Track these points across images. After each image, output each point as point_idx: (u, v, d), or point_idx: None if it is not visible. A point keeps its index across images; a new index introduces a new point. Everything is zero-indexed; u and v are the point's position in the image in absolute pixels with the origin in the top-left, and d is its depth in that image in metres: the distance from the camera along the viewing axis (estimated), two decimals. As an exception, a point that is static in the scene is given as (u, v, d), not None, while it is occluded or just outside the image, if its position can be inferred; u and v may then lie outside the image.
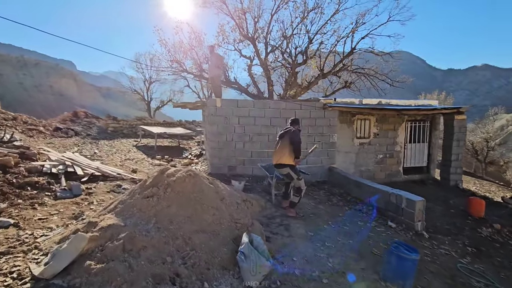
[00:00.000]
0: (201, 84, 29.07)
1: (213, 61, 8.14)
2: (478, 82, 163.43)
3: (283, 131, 4.59)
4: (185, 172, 3.50)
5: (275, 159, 4.51)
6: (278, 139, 4.60)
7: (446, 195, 7.63)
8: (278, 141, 4.59)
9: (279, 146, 4.49)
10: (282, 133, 4.56)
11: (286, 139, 4.42)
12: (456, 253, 4.16)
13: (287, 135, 4.44)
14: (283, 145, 4.43)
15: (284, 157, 4.37)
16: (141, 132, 12.73)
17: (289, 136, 4.38)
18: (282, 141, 4.47)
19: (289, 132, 4.44)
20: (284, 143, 4.43)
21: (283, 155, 4.37)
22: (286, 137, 4.44)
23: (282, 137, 4.52)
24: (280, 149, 4.45)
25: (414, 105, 8.81)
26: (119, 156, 8.70)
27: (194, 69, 15.48)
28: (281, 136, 4.56)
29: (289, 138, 4.38)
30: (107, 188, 5.03)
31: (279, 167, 4.47)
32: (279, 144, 4.51)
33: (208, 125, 6.67)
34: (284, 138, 4.46)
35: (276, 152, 4.51)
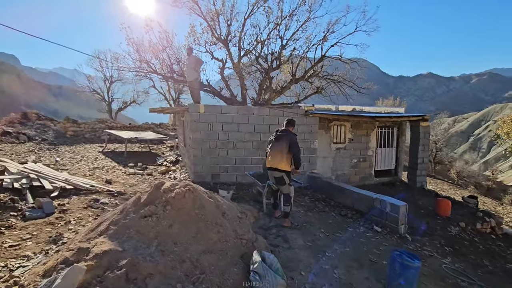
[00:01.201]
0: (168, 85, 28.05)
1: (191, 64, 7.85)
2: (424, 88, 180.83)
3: (280, 133, 4.47)
4: (183, 187, 3.28)
5: (272, 162, 4.36)
6: (273, 141, 4.46)
7: (414, 196, 8.23)
8: (273, 143, 4.45)
9: (275, 150, 4.34)
10: (278, 136, 4.43)
11: (283, 143, 4.30)
12: (438, 253, 4.48)
13: (285, 139, 4.33)
14: (280, 149, 4.30)
15: (282, 163, 4.28)
16: (107, 137, 11.83)
17: (288, 142, 4.30)
18: (279, 145, 4.33)
19: (288, 137, 4.34)
20: (281, 147, 4.30)
21: (281, 161, 4.28)
22: (284, 141, 4.31)
23: (278, 140, 4.39)
24: (277, 153, 4.31)
25: (384, 112, 9.40)
26: (86, 164, 7.95)
27: (163, 70, 14.86)
28: (277, 138, 4.42)
29: (288, 144, 4.29)
30: (83, 204, 4.53)
31: (273, 170, 4.37)
32: (275, 147, 4.36)
33: (191, 132, 6.40)
34: (281, 142, 4.33)
35: (272, 155, 4.36)
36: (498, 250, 5.49)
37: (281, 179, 4.35)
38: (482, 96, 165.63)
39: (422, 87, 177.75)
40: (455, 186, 17.48)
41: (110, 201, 4.80)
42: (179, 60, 14.76)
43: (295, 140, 4.41)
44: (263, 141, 6.94)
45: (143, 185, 6.30)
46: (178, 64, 14.61)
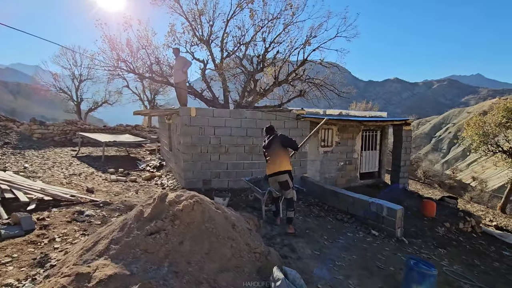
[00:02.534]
0: (143, 86, 26.97)
1: (178, 65, 7.52)
2: (391, 93, 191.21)
3: (268, 140, 4.48)
4: (190, 198, 3.02)
5: (273, 168, 4.29)
6: (267, 149, 4.43)
7: (399, 198, 8.50)
8: (268, 152, 4.42)
9: (273, 154, 4.33)
10: (269, 142, 4.44)
11: (277, 144, 4.34)
12: (435, 256, 4.59)
13: (276, 140, 4.37)
14: (277, 151, 4.32)
15: (284, 162, 4.27)
16: (80, 140, 10.97)
17: (280, 140, 4.37)
18: (274, 148, 4.35)
19: (277, 137, 4.41)
20: (277, 149, 4.33)
21: (282, 161, 4.26)
22: (276, 143, 4.35)
23: (270, 146, 4.39)
24: (276, 157, 4.30)
25: (368, 116, 9.65)
26: (60, 171, 7.27)
27: (142, 69, 14.18)
28: (269, 145, 4.43)
29: (280, 142, 4.35)
30: (66, 217, 4.06)
31: (278, 174, 4.27)
32: (272, 152, 4.36)
33: (182, 136, 6.06)
34: (274, 144, 4.36)
35: (272, 160, 4.32)
36: (482, 248, 5.79)
37: (285, 183, 4.27)
38: (443, 100, 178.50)
39: (389, 91, 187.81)
40: (426, 185, 18.52)
41: (96, 213, 4.37)
42: (159, 60, 14.19)
43: (284, 135, 4.51)
44: (255, 145, 6.78)
45: (129, 193, 5.86)
46: (158, 64, 14.04)
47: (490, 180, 48.36)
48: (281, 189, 4.34)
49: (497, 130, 16.11)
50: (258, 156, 6.84)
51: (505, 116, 15.56)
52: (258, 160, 6.85)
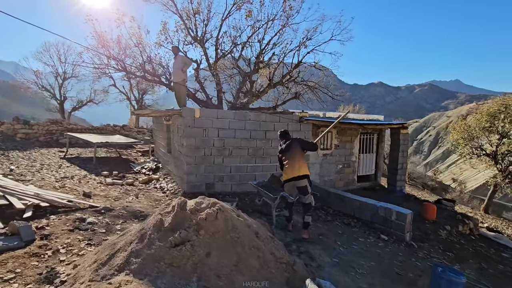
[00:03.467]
0: (130, 85, 26.25)
1: (178, 64, 7.27)
2: (375, 96, 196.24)
3: (286, 144, 4.35)
4: (212, 206, 2.84)
5: (292, 172, 4.18)
6: (285, 153, 4.29)
7: (397, 201, 8.58)
8: (286, 156, 4.27)
9: (292, 159, 4.21)
10: (287, 146, 4.31)
11: (296, 149, 4.24)
12: (446, 260, 4.61)
13: (295, 144, 4.28)
14: (296, 155, 4.21)
15: (303, 167, 4.20)
16: (67, 141, 10.43)
17: (299, 144, 4.29)
18: (293, 153, 4.23)
19: (296, 141, 4.35)
20: (296, 153, 4.22)
21: (302, 165, 4.18)
22: (295, 147, 4.25)
23: (289, 150, 4.26)
24: (295, 161, 4.18)
25: (366, 119, 9.72)
26: (51, 174, 6.84)
27: (134, 68, 13.73)
28: (287, 149, 4.30)
29: (300, 145, 4.27)
30: (67, 225, 3.76)
31: (297, 179, 4.16)
32: (290, 157, 4.23)
33: (185, 138, 5.83)
34: (293, 149, 4.25)
35: (291, 165, 4.19)
36: (484, 251, 5.89)
37: (304, 188, 4.17)
38: (424, 104, 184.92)
39: (373, 95, 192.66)
40: (413, 187, 18.96)
41: (98, 220, 4.08)
42: (151, 58, 13.81)
43: (302, 139, 4.53)
44: (259, 147, 6.64)
45: (129, 198, 5.56)
46: (150, 63, 13.66)
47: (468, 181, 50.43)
48: (299, 194, 4.23)
49: (480, 134, 16.65)
50: (262, 159, 6.70)
51: (488, 121, 16.07)
52: (261, 163, 6.71)
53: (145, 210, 4.87)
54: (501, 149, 15.37)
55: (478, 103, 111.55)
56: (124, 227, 4.00)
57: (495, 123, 15.66)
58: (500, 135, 15.32)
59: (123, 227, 3.98)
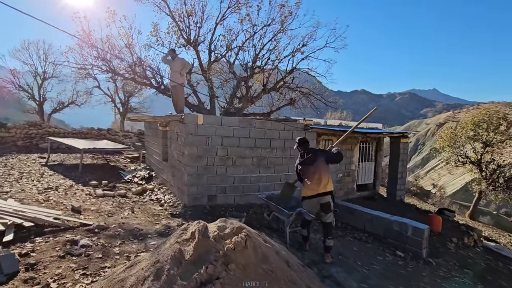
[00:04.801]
0: (116, 87, 25.25)
1: (176, 67, 6.83)
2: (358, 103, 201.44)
3: (308, 156, 3.95)
4: (238, 231, 2.43)
5: (316, 188, 3.81)
6: (309, 166, 3.89)
7: (398, 210, 8.43)
8: (310, 170, 3.88)
9: (317, 173, 3.82)
10: (310, 159, 3.90)
11: (321, 162, 3.85)
12: (467, 279, 4.39)
13: (320, 157, 3.89)
14: (321, 169, 3.83)
15: (329, 182, 3.86)
16: (49, 146, 9.63)
17: (324, 157, 3.91)
18: (318, 166, 3.83)
19: (320, 153, 3.99)
20: (322, 167, 3.83)
21: (328, 180, 3.82)
22: (320, 160, 3.85)
23: (312, 163, 3.86)
24: (320, 176, 3.81)
25: (365, 127, 9.59)
26: (32, 184, 6.15)
27: (123, 70, 13.06)
28: (310, 161, 3.89)
29: (325, 158, 3.89)
30: (57, 250, 3.21)
31: (322, 196, 3.80)
32: (315, 170, 3.83)
33: (186, 146, 5.38)
34: (318, 162, 3.85)
35: (316, 180, 3.81)
36: (494, 265, 5.77)
37: (327, 205, 3.82)
38: (404, 112, 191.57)
39: (357, 102, 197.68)
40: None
41: (93, 242, 3.55)
42: (141, 60, 13.22)
43: (326, 150, 4.13)
44: (263, 157, 6.28)
45: (124, 213, 5.01)
46: (141, 65, 13.06)
47: (447, 186, 52.31)
48: (321, 211, 3.88)
49: (466, 142, 17.04)
50: (266, 169, 6.34)
51: (472, 130, 16.45)
52: (265, 173, 6.34)
53: (144, 227, 4.37)
54: (485, 157, 15.76)
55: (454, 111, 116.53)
56: (123, 249, 3.50)
57: (479, 132, 16.07)
58: (483, 143, 15.72)
59: (122, 250, 3.48)
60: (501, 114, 16.52)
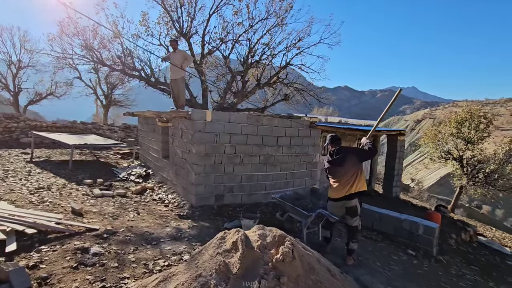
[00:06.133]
0: (98, 78, 24.07)
1: (177, 59, 6.48)
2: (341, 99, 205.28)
3: (338, 156, 3.68)
4: (281, 240, 2.27)
5: (343, 190, 3.60)
6: (339, 167, 3.65)
7: (395, 207, 8.58)
8: (339, 170, 3.65)
9: (345, 174, 3.59)
10: (340, 159, 3.63)
11: (353, 162, 3.59)
12: (478, 276, 4.49)
13: (351, 156, 3.62)
14: (351, 170, 3.58)
15: (360, 183, 3.59)
16: (31, 140, 8.97)
17: (357, 156, 3.65)
18: (349, 167, 3.59)
19: (352, 152, 3.72)
20: (352, 168, 3.58)
21: (359, 181, 3.58)
22: (352, 160, 3.59)
23: (342, 163, 3.61)
24: (350, 177, 3.57)
25: (363, 125, 9.66)
26: (20, 183, 5.66)
27: (110, 61, 12.38)
28: (340, 162, 3.63)
29: (357, 158, 3.64)
30: (67, 260, 2.91)
31: (349, 199, 3.63)
32: (345, 172, 3.60)
33: (194, 144, 5.11)
34: (349, 162, 3.59)
35: (344, 181, 3.59)
36: (492, 260, 5.98)
37: (354, 209, 3.67)
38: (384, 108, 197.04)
39: (340, 98, 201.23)
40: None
41: (104, 250, 3.27)
42: (130, 51, 12.61)
43: (358, 148, 3.87)
44: (270, 155, 6.12)
45: (129, 215, 4.69)
46: (130, 55, 12.44)
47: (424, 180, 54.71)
48: (346, 215, 3.76)
49: (449, 139, 17.65)
50: (272, 167, 6.20)
51: (455, 127, 17.06)
52: (272, 171, 6.20)
53: (154, 231, 4.11)
54: (466, 154, 16.42)
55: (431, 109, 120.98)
56: (138, 257, 3.25)
57: (462, 130, 16.71)
58: (465, 141, 16.36)
59: (138, 257, 3.23)
60: (481, 113, 17.15)
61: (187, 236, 4.07)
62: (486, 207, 45.03)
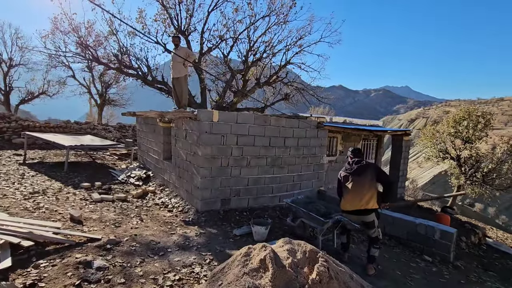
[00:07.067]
0: (92, 77, 23.55)
1: (179, 57, 6.18)
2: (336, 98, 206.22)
3: (357, 166, 3.55)
4: (313, 256, 2.04)
5: (354, 203, 3.48)
6: (353, 177, 3.54)
7: (401, 208, 8.44)
8: (353, 180, 3.52)
9: (360, 186, 3.45)
10: (358, 169, 3.53)
11: (371, 177, 3.46)
12: (497, 283, 4.32)
13: (371, 171, 3.48)
14: (366, 184, 3.44)
15: (372, 200, 3.43)
16: (24, 141, 8.57)
17: (376, 172, 3.49)
18: (364, 180, 3.46)
19: (372, 167, 3.55)
20: (367, 182, 3.45)
21: (371, 198, 3.42)
22: (370, 174, 3.46)
23: (359, 174, 3.49)
24: (363, 190, 3.44)
25: (367, 125, 9.48)
26: (13, 187, 5.31)
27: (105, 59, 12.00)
28: (357, 172, 3.52)
29: (375, 174, 3.47)
30: (69, 277, 2.62)
31: (363, 214, 3.48)
32: (359, 183, 3.46)
33: (200, 146, 4.84)
34: (366, 175, 3.46)
35: (357, 194, 3.46)
36: (506, 264, 5.84)
37: (371, 224, 3.50)
38: (378, 108, 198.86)
39: (335, 97, 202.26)
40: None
41: (109, 263, 2.98)
42: (127, 48, 12.25)
43: (379, 167, 3.64)
44: (277, 156, 5.88)
45: (132, 221, 4.39)
46: (127, 53, 12.08)
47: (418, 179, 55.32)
48: (364, 227, 3.58)
49: (447, 139, 17.65)
50: (280, 169, 5.96)
51: (453, 127, 17.05)
52: (279, 173, 5.97)
53: (160, 239, 3.83)
54: (464, 153, 16.42)
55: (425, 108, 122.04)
56: (146, 270, 2.98)
57: (460, 129, 16.71)
58: (463, 140, 16.35)
59: (146, 271, 2.96)
60: (479, 112, 17.17)
61: (195, 245, 3.81)
62: (479, 205, 45.65)
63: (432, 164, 20.13)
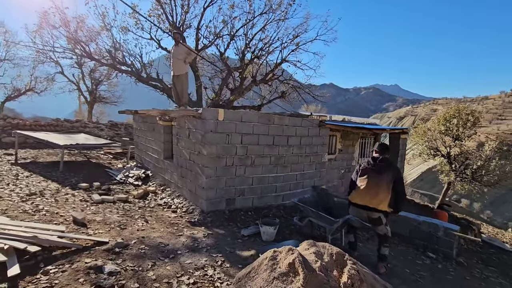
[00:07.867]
0: (82, 73, 22.98)
1: (180, 54, 6.07)
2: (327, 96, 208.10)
3: (379, 164, 3.50)
4: (340, 258, 2.01)
5: (365, 199, 3.47)
6: (371, 172, 3.49)
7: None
8: (369, 175, 3.49)
9: (376, 184, 3.42)
10: (379, 166, 3.48)
11: (387, 177, 3.41)
12: (503, 279, 4.43)
13: (390, 172, 3.43)
14: (384, 184, 3.40)
15: (383, 203, 3.42)
16: (15, 140, 8.28)
17: (394, 177, 3.43)
18: (381, 179, 3.41)
19: (394, 170, 3.48)
20: (384, 182, 3.39)
21: (383, 200, 3.40)
22: (388, 175, 3.41)
23: (380, 172, 3.43)
24: (378, 189, 3.41)
25: (365, 123, 9.56)
26: (8, 189, 5.10)
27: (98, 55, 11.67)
28: (378, 169, 3.46)
29: (393, 179, 3.41)
30: (81, 283, 2.51)
31: (371, 210, 3.48)
32: (375, 180, 3.43)
33: (205, 145, 4.75)
34: (385, 175, 3.41)
35: (369, 191, 3.45)
36: (502, 259, 6.00)
37: (378, 220, 3.49)
38: (368, 106, 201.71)
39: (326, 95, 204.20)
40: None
41: (120, 267, 2.89)
42: (120, 45, 11.97)
43: (401, 174, 3.59)
44: (281, 155, 5.85)
45: (137, 223, 4.28)
46: (120, 49, 11.80)
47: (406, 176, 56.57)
48: (371, 224, 3.58)
49: (438, 136, 17.98)
50: (283, 168, 5.94)
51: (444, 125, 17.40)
52: (282, 172, 5.94)
53: (168, 241, 3.75)
54: (454, 151, 16.80)
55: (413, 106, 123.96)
56: (159, 273, 2.91)
57: (450, 127, 17.07)
58: (453, 138, 16.71)
59: (159, 275, 2.89)
60: (468, 110, 17.54)
61: (204, 247, 3.74)
62: (465, 200, 47.02)
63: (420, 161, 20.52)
